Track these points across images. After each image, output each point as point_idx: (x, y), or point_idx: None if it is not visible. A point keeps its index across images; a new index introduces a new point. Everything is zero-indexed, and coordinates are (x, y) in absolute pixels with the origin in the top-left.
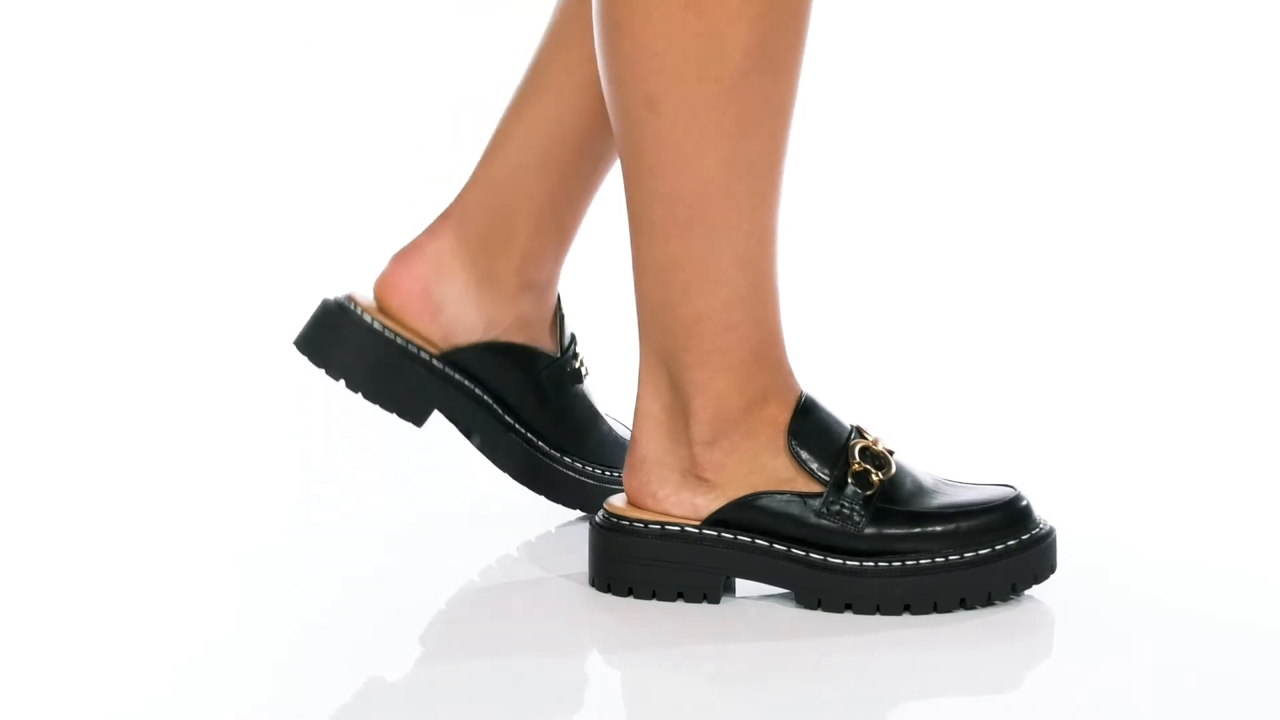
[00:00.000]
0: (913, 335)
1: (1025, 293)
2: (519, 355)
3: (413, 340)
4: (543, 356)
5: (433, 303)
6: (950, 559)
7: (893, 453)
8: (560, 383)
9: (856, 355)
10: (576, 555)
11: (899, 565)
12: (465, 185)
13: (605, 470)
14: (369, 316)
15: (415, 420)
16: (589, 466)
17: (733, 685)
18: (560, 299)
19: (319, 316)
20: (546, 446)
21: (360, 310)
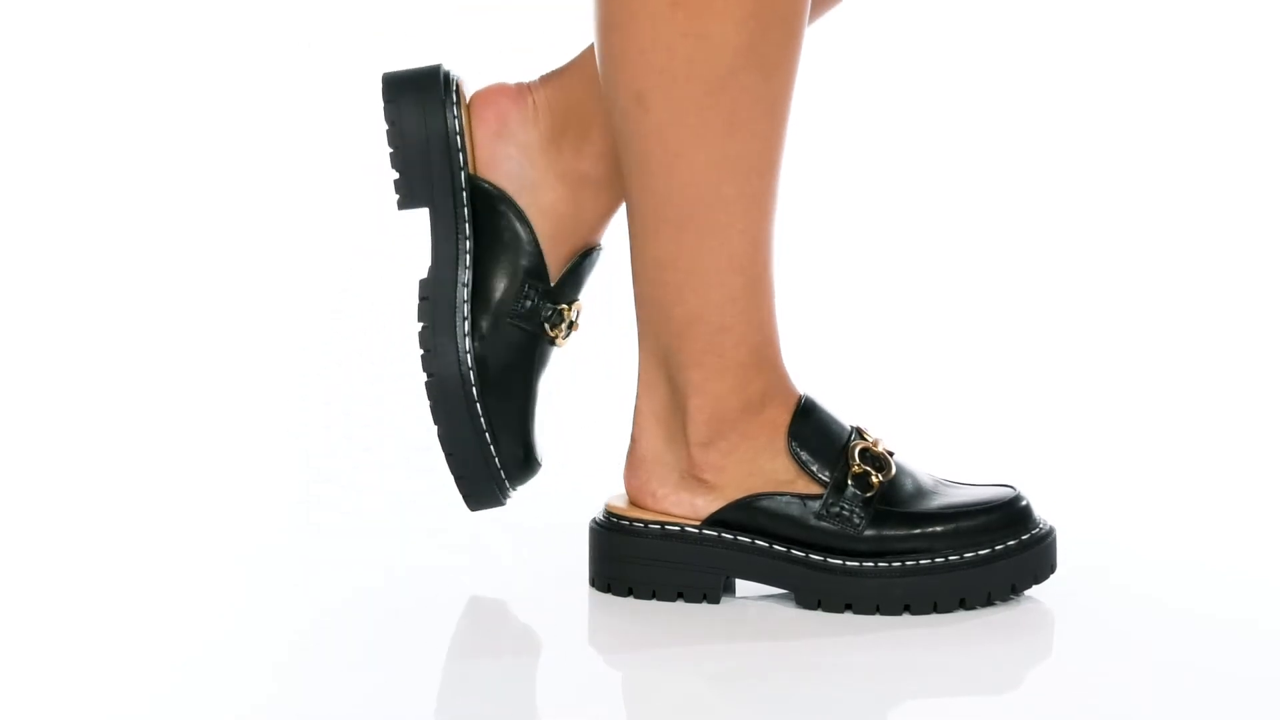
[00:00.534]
0: (912, 336)
1: (1024, 294)
2: (523, 223)
3: (465, 145)
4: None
5: (505, 129)
6: (950, 559)
7: (893, 454)
8: (520, 313)
9: (856, 356)
10: (576, 555)
11: (899, 565)
12: (574, 60)
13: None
14: (454, 99)
15: (404, 203)
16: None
17: (733, 685)
18: (598, 252)
19: (421, 73)
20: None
21: (454, 91)
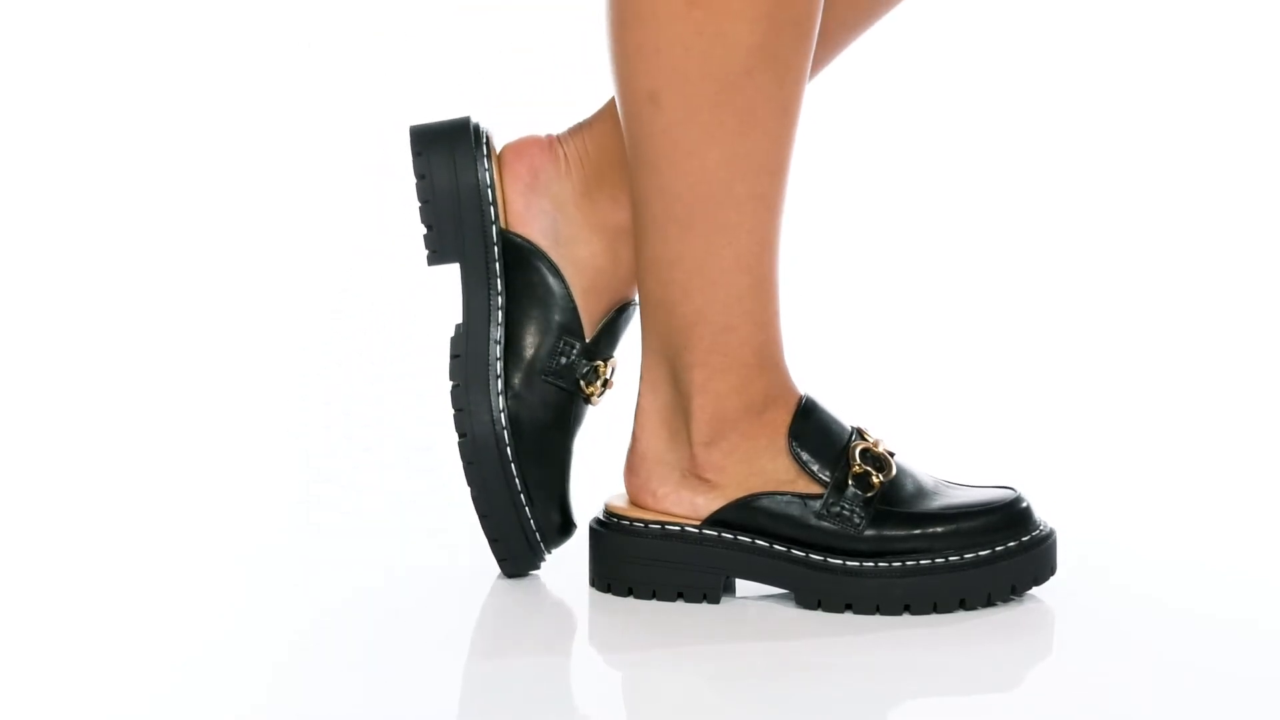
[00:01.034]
0: (914, 337)
1: (1025, 295)
2: (557, 278)
3: (496, 199)
4: (567, 313)
5: (537, 182)
6: (950, 560)
7: (894, 454)
8: (554, 369)
9: (857, 357)
10: (576, 555)
11: (899, 566)
12: (603, 108)
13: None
14: (485, 152)
15: (434, 258)
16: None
17: (733, 685)
18: (633, 308)
19: (450, 126)
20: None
21: (485, 145)
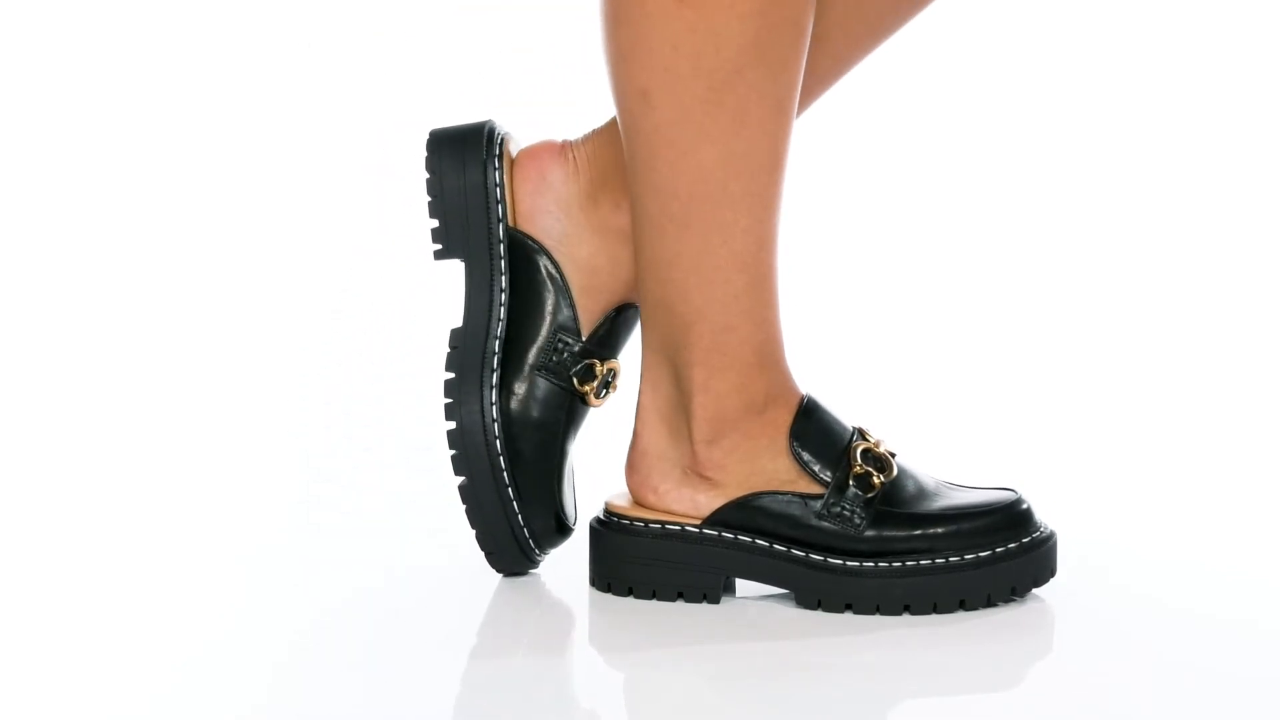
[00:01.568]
0: (915, 338)
1: (1026, 296)
2: (558, 275)
3: (505, 199)
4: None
5: (544, 183)
6: (950, 560)
7: (895, 455)
8: (550, 365)
9: (859, 357)
10: (576, 555)
11: (899, 566)
12: (614, 116)
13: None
14: (496, 153)
15: (441, 253)
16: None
17: (733, 685)
18: (635, 311)
19: (467, 130)
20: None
21: (497, 147)
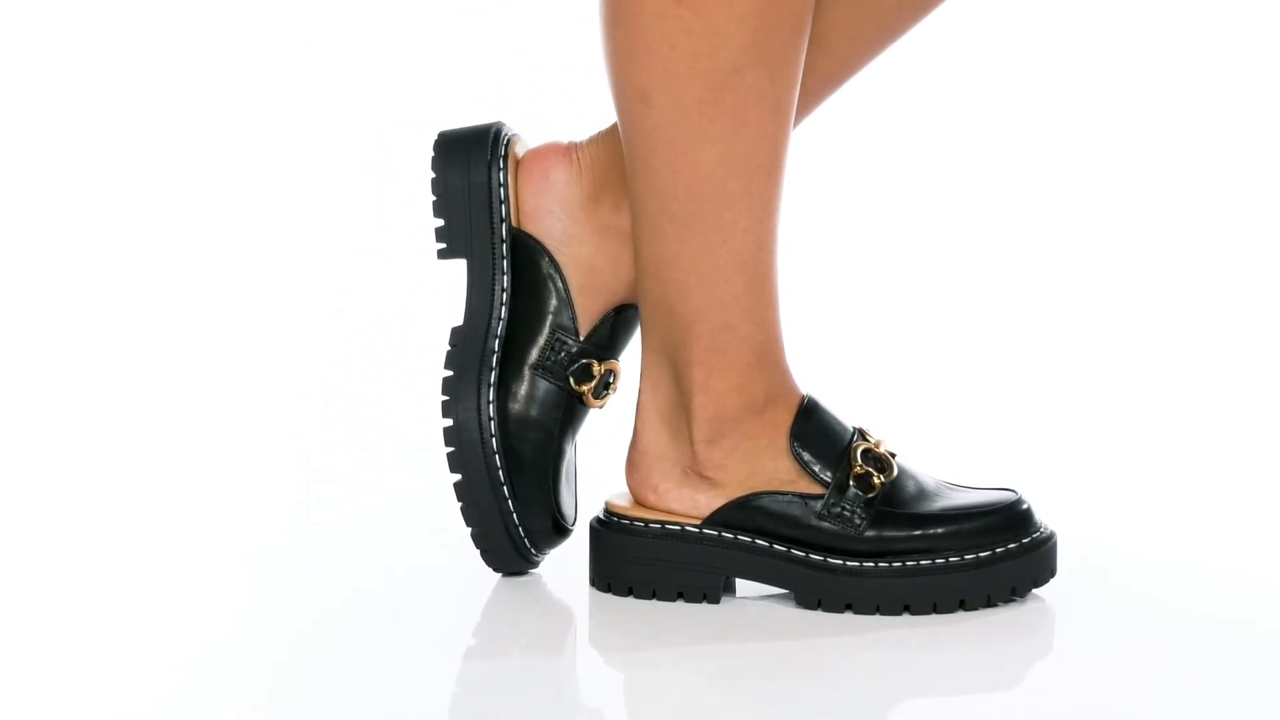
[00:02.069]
0: (915, 338)
1: (1026, 296)
2: (557, 274)
3: (508, 199)
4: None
5: (547, 184)
6: (950, 560)
7: (895, 455)
8: (548, 364)
9: (859, 357)
10: (576, 555)
11: (899, 566)
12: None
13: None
14: (501, 154)
15: (445, 252)
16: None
17: (733, 685)
18: (635, 312)
19: (474, 132)
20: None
21: (503, 147)
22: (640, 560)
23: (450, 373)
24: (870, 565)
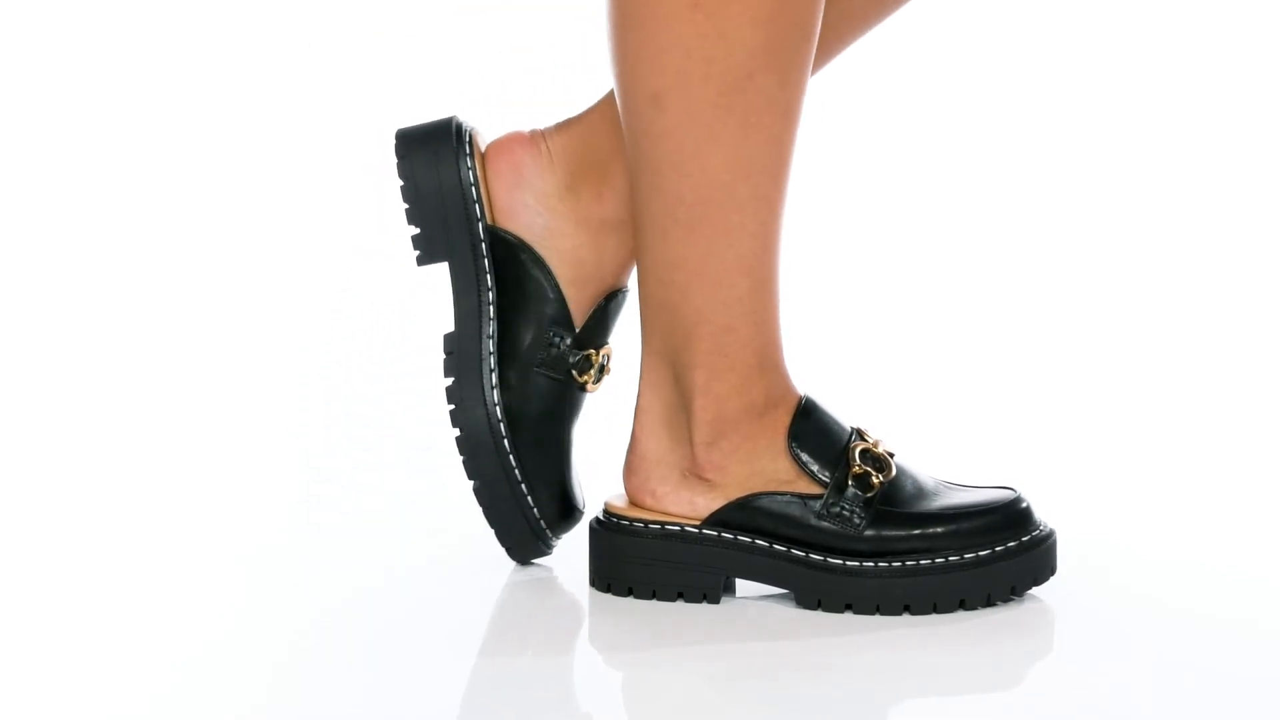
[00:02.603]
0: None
1: (1026, 296)
2: (543, 270)
3: (481, 197)
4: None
5: (520, 178)
6: (950, 560)
7: (893, 455)
8: (546, 360)
9: (858, 357)
10: (576, 555)
11: (899, 566)
12: (592, 106)
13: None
14: (467, 150)
15: (423, 259)
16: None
17: (733, 685)
18: (624, 295)
19: (434, 127)
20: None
21: (467, 143)
22: (640, 560)
23: (451, 380)
24: (870, 565)
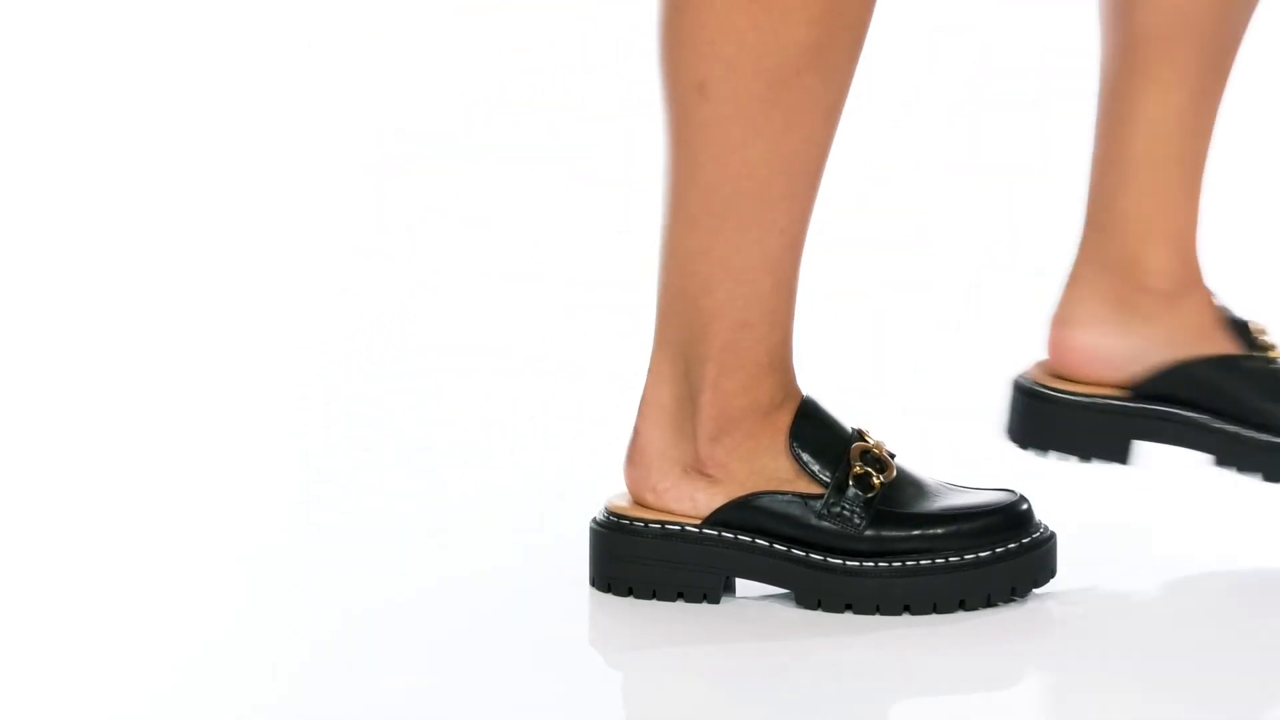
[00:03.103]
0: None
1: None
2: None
3: (1100, 395)
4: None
5: (1100, 355)
6: (950, 560)
7: (894, 456)
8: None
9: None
10: (576, 555)
11: (899, 566)
12: (1088, 213)
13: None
14: (1063, 390)
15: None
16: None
17: (733, 685)
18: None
19: (1023, 404)
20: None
21: (1056, 388)
22: (640, 560)
23: None
24: (870, 565)
